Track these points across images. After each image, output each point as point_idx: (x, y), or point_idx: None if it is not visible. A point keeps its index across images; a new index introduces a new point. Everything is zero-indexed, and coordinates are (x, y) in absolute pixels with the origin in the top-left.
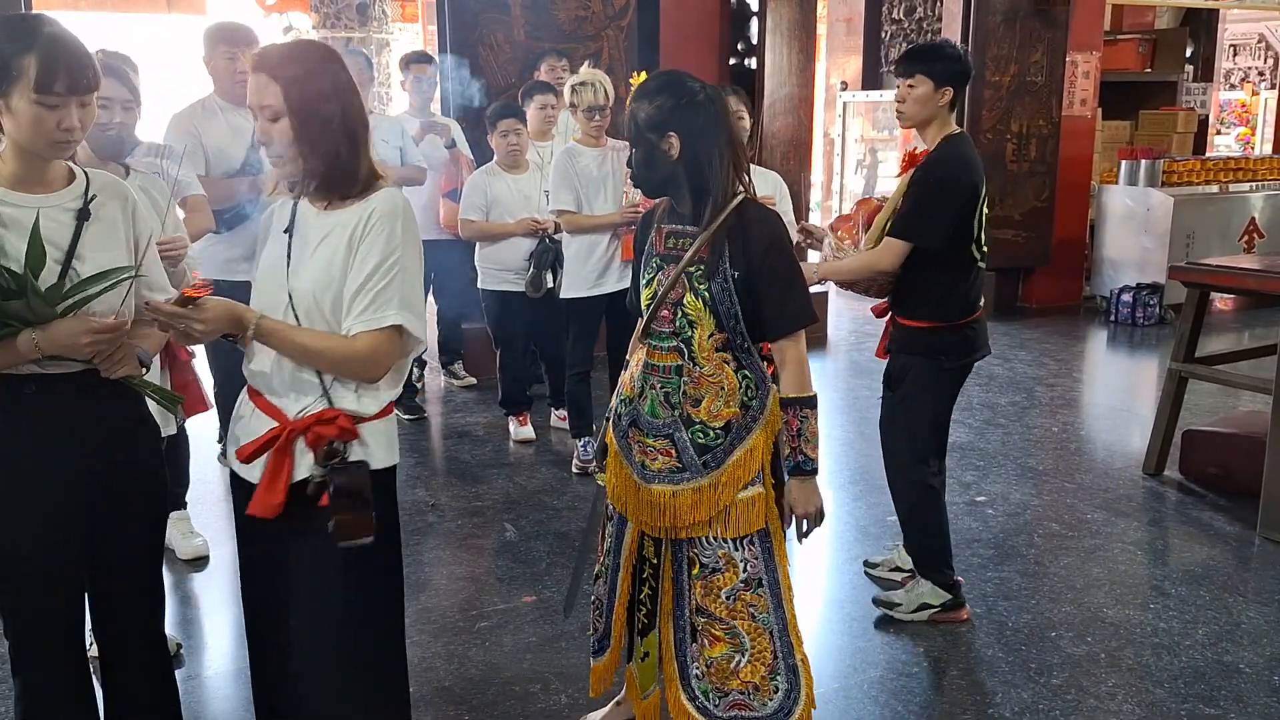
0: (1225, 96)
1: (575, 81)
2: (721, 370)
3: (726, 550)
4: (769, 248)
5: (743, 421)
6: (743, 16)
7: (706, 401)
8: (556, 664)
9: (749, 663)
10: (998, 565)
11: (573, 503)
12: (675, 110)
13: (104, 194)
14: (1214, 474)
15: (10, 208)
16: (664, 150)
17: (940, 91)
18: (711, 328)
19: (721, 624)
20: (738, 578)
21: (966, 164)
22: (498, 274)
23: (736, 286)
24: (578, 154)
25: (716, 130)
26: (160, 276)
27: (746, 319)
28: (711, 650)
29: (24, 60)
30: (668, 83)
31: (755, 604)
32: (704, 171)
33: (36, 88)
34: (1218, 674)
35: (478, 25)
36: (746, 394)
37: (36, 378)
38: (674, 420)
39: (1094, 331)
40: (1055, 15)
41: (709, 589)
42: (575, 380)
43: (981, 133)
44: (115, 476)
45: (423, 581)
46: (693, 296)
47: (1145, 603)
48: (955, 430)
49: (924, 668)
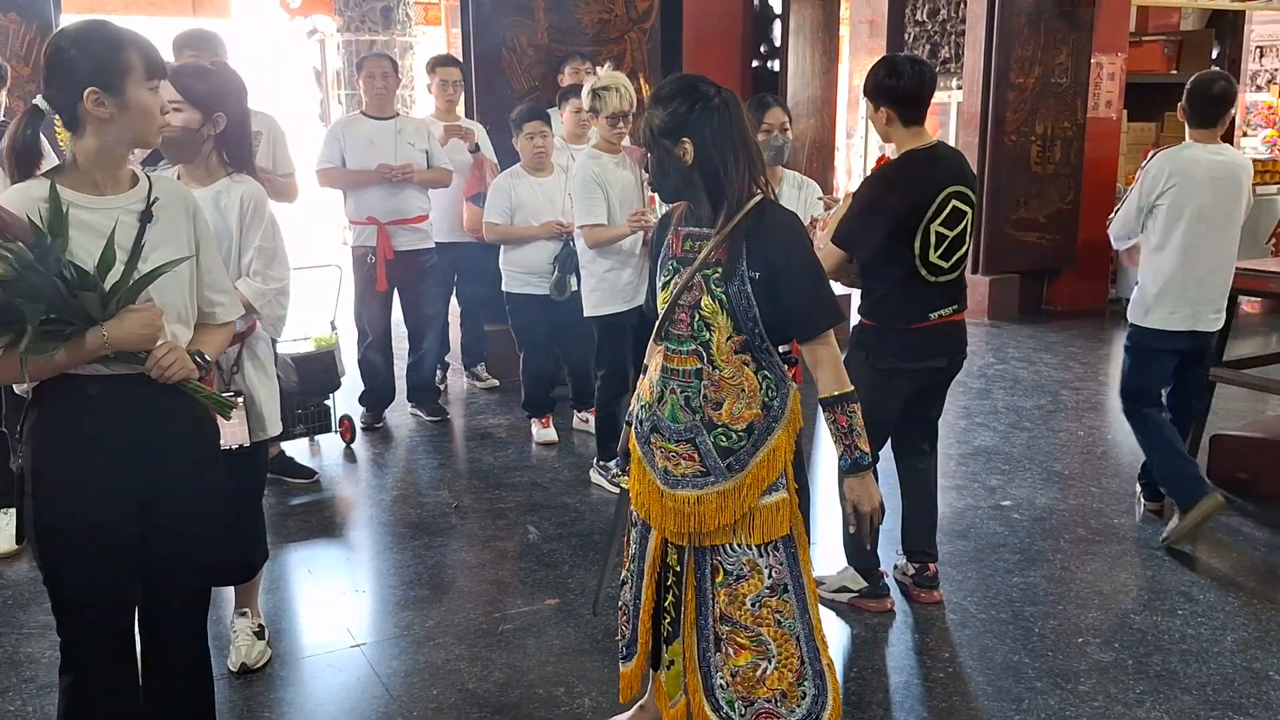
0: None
1: (597, 86)
2: (741, 372)
3: (751, 557)
4: (790, 249)
5: (764, 423)
6: (766, 19)
7: (728, 404)
8: (580, 667)
9: (776, 669)
10: (1023, 570)
11: (595, 505)
12: (689, 115)
13: (165, 196)
14: (1242, 478)
15: (83, 210)
16: (678, 155)
17: (879, 113)
18: (729, 330)
19: (747, 631)
20: (763, 584)
21: (910, 184)
22: (522, 277)
23: (755, 288)
24: (606, 163)
25: (731, 134)
26: (222, 277)
27: (765, 320)
28: (737, 659)
29: (128, 54)
30: (681, 88)
31: (781, 610)
32: (719, 175)
33: (147, 75)
34: (1247, 681)
35: (500, 29)
36: (767, 394)
37: (102, 379)
38: (695, 424)
39: (1120, 335)
40: (1080, 17)
41: (734, 596)
42: (612, 399)
43: (1006, 135)
44: (169, 483)
45: (445, 584)
46: (710, 299)
47: (1173, 608)
48: (980, 434)
49: (950, 674)
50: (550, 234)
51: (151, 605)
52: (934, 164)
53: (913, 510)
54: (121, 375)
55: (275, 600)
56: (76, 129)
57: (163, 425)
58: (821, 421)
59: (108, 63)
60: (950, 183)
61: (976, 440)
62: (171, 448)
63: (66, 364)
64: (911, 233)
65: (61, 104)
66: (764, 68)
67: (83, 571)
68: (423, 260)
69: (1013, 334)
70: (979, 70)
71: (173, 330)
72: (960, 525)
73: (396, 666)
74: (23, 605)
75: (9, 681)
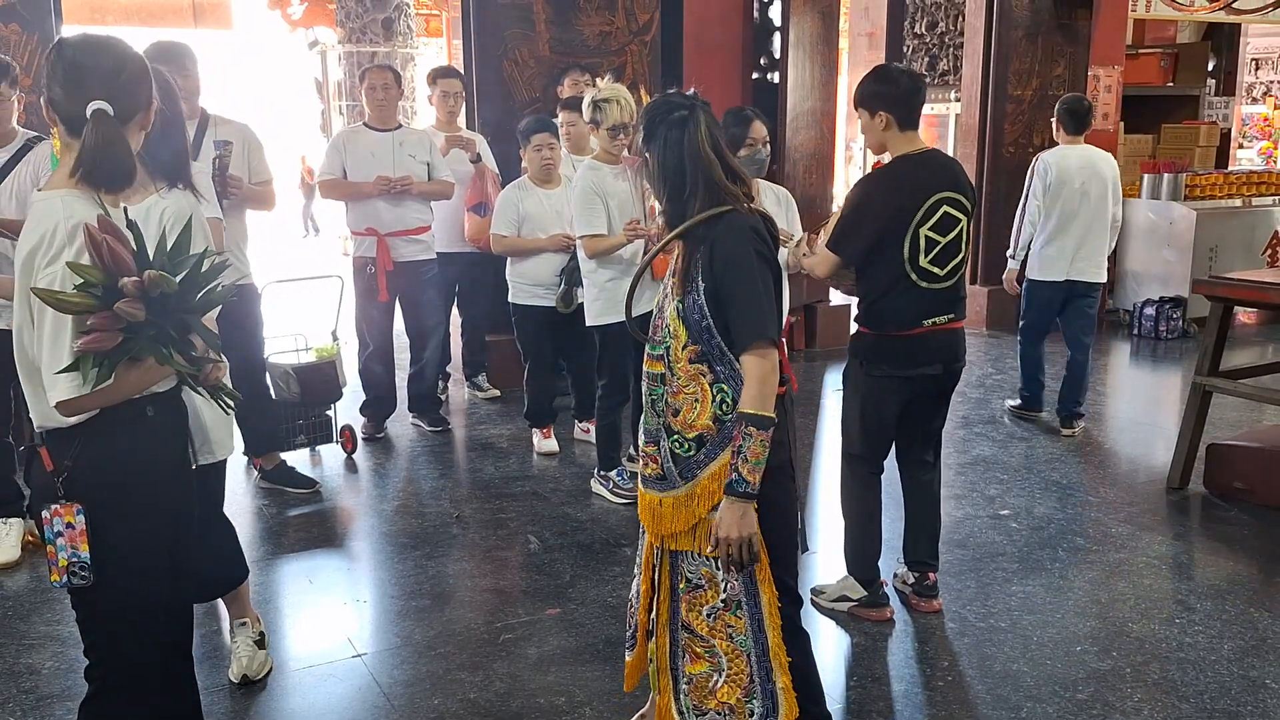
0: (1247, 110)
1: (598, 98)
2: (696, 382)
3: (709, 569)
4: (726, 263)
5: (717, 437)
6: (766, 31)
7: (684, 412)
8: (581, 677)
9: (725, 683)
10: (1022, 579)
11: (597, 515)
12: (652, 127)
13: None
14: (1239, 488)
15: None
16: (649, 166)
17: (877, 118)
18: (685, 339)
19: (702, 642)
20: (718, 597)
21: (897, 185)
22: (529, 289)
23: (707, 299)
24: (604, 173)
25: (682, 147)
26: None
27: (723, 332)
28: (693, 667)
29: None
30: (656, 102)
31: (734, 625)
32: (669, 184)
33: None
34: (1244, 689)
35: (502, 40)
36: (721, 408)
37: (153, 398)
38: (660, 428)
39: (1117, 345)
40: (1077, 29)
41: (692, 605)
42: (613, 408)
43: (1004, 146)
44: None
45: (446, 593)
46: (671, 308)
47: (1171, 617)
48: (979, 443)
49: (949, 682)
50: (558, 246)
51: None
52: (923, 168)
53: (916, 521)
54: (169, 392)
55: (276, 610)
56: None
57: (188, 439)
58: (822, 431)
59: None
60: (941, 188)
61: (975, 450)
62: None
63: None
64: (900, 235)
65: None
66: (764, 80)
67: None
68: (423, 271)
69: (1010, 344)
70: (977, 82)
71: None
72: (959, 534)
73: (398, 676)
74: (23, 616)
75: (9, 693)
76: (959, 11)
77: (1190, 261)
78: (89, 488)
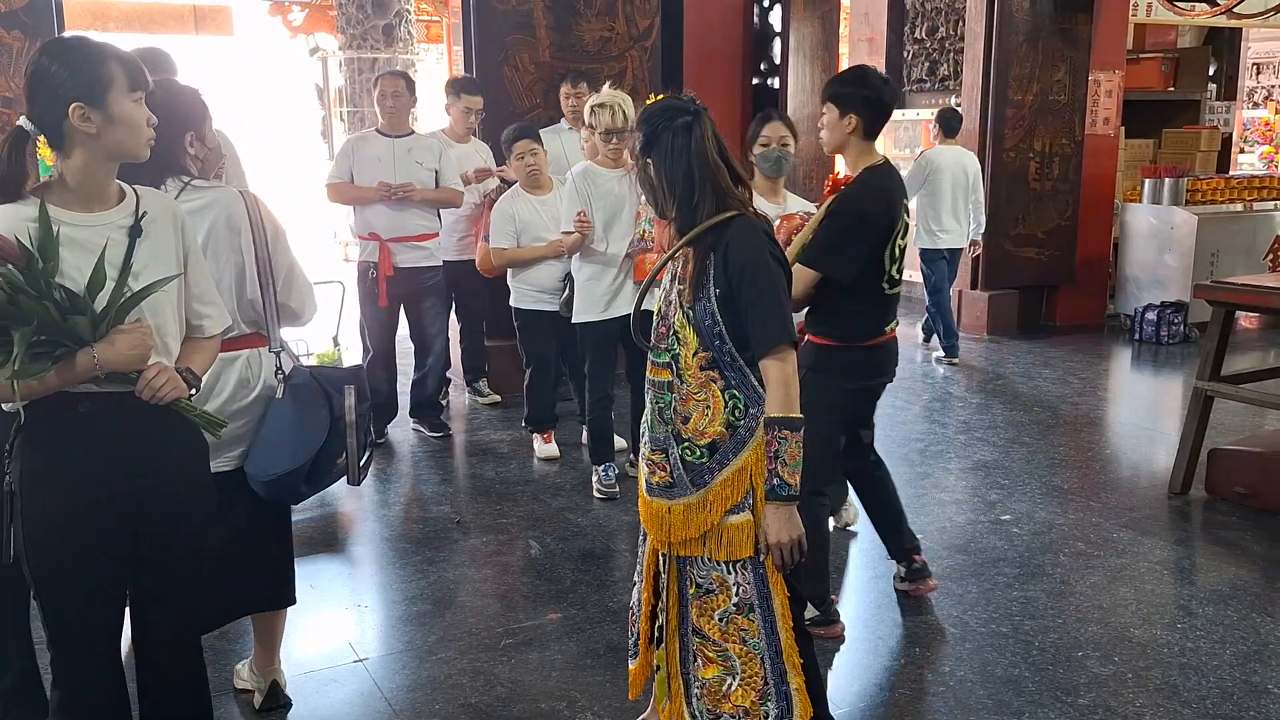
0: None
1: (594, 103)
2: (707, 389)
3: (720, 573)
4: (743, 268)
5: (729, 443)
6: (766, 37)
7: (694, 419)
8: (583, 681)
9: (740, 686)
10: (1023, 584)
11: (598, 519)
12: (654, 134)
13: (154, 210)
14: (1240, 493)
15: (71, 227)
16: (649, 174)
17: (846, 119)
18: (695, 346)
19: (715, 646)
20: (730, 601)
21: (883, 198)
22: (533, 294)
23: (719, 305)
24: (597, 175)
25: (688, 153)
26: (209, 289)
27: (734, 338)
28: (705, 671)
29: (109, 67)
30: (655, 108)
31: (747, 629)
32: (677, 192)
33: (130, 87)
34: (1246, 694)
35: (503, 47)
36: (734, 414)
37: (92, 396)
38: (668, 435)
39: (1118, 350)
40: (1078, 34)
41: (703, 610)
42: (600, 407)
43: (1004, 151)
44: (158, 500)
45: (448, 598)
46: (680, 314)
47: (1172, 622)
48: (980, 449)
49: (950, 688)
50: (557, 253)
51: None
52: (890, 178)
53: (882, 518)
54: (112, 393)
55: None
56: (63, 147)
57: (153, 444)
58: None
59: (91, 76)
60: (903, 196)
61: (976, 455)
62: (162, 466)
63: (58, 385)
64: (885, 248)
65: (47, 122)
66: (764, 85)
67: (74, 589)
68: (425, 278)
69: (1011, 349)
70: (978, 87)
71: (164, 342)
72: (960, 540)
73: (399, 681)
74: None
75: None
76: (959, 17)
77: (1191, 266)
78: (19, 476)
